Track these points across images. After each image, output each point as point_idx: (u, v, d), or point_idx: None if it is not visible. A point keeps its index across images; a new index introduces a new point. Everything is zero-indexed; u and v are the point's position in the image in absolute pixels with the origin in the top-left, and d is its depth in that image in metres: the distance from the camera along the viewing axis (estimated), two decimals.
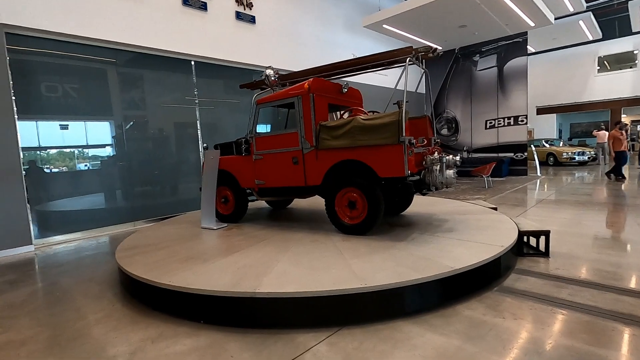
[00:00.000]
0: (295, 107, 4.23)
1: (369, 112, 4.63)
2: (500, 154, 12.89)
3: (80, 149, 6.61)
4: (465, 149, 13.92)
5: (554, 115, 21.93)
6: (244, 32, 8.50)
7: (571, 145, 18.36)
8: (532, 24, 10.92)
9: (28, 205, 5.67)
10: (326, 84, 4.38)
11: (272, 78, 4.72)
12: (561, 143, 18.03)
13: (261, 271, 3.03)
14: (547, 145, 17.28)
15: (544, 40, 17.69)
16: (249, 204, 5.39)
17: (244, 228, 4.98)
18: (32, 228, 5.73)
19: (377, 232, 4.10)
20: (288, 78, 4.86)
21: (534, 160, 13.19)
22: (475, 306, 2.80)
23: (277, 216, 5.65)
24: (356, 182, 3.89)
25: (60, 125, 6.33)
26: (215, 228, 5.05)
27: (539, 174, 12.71)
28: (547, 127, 21.74)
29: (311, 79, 4.16)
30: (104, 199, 6.95)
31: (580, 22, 15.51)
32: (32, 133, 6.01)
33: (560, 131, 23.25)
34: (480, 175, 9.99)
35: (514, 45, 12.30)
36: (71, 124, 6.47)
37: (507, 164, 12.53)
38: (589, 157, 16.00)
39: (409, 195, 4.87)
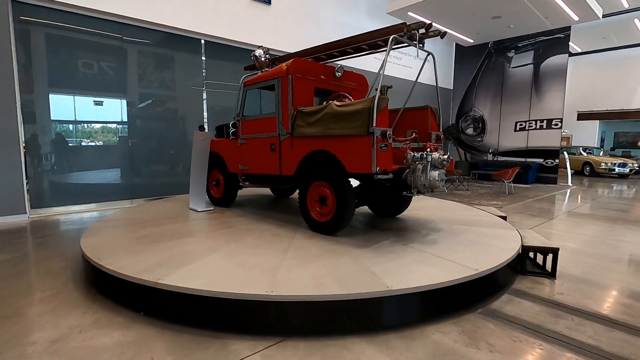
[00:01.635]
0: (275, 89, 3.90)
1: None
2: (529, 159, 11.98)
3: (88, 124, 6.61)
4: (490, 150, 13.07)
5: (597, 122, 20.23)
6: (258, 13, 8.19)
7: (612, 156, 16.83)
8: (577, 19, 9.90)
9: (25, 175, 5.71)
10: (313, 66, 3.98)
11: (262, 59, 4.38)
12: (601, 152, 16.57)
13: (186, 260, 2.87)
14: (584, 154, 15.95)
15: (592, 39, 16.22)
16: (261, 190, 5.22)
17: (226, 213, 4.82)
18: (28, 198, 5.79)
19: (351, 233, 3.75)
20: (280, 60, 4.51)
21: (566, 168, 12.15)
22: (449, 329, 2.39)
23: (271, 205, 5.39)
24: (326, 176, 3.51)
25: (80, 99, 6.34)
26: (199, 210, 4.93)
27: (569, 183, 11.71)
28: (587, 135, 20.10)
29: (292, 60, 3.80)
30: (110, 174, 6.96)
31: (636, 21, 14.02)
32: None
33: (602, 140, 21.46)
34: (501, 180, 9.26)
35: (555, 41, 11.26)
36: (85, 99, 6.48)
37: (535, 170, 11.62)
38: (631, 170, 14.61)
39: (403, 196, 4.34)
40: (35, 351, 2.12)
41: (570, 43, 11.50)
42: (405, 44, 3.45)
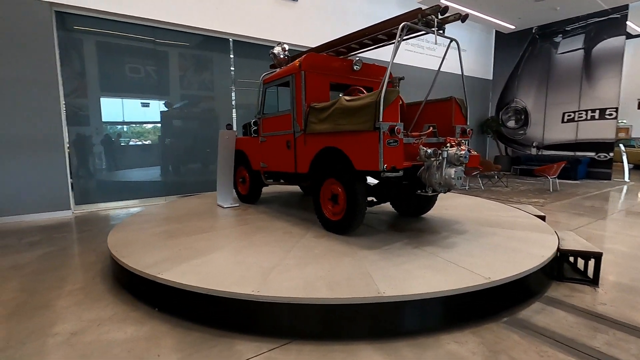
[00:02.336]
0: (290, 86, 3.85)
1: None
2: (578, 153, 11.02)
3: (128, 125, 6.99)
4: (534, 144, 12.19)
5: None
6: (285, 10, 8.18)
7: None
8: None
9: (69, 173, 6.13)
10: (328, 61, 3.86)
11: (281, 56, 4.34)
12: None
13: (191, 256, 2.95)
14: None
15: None
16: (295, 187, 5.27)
17: (249, 210, 4.92)
18: (72, 195, 6.23)
19: (364, 232, 3.62)
20: (300, 56, 4.44)
21: (622, 162, 11.02)
22: (467, 339, 2.21)
23: (296, 203, 5.39)
24: (337, 174, 3.40)
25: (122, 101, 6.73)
26: (224, 206, 5.08)
27: (626, 179, 10.60)
28: None
29: (305, 55, 3.71)
30: (149, 172, 7.33)
31: None
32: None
33: None
34: (545, 176, 8.59)
35: (609, 22, 10.21)
36: (129, 101, 6.88)
37: (585, 164, 10.66)
38: None
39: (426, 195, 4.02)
40: (55, 343, 2.23)
41: (627, 23, 10.36)
42: (423, 32, 3.22)
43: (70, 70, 6.20)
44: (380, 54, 10.57)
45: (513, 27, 11.67)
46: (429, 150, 2.97)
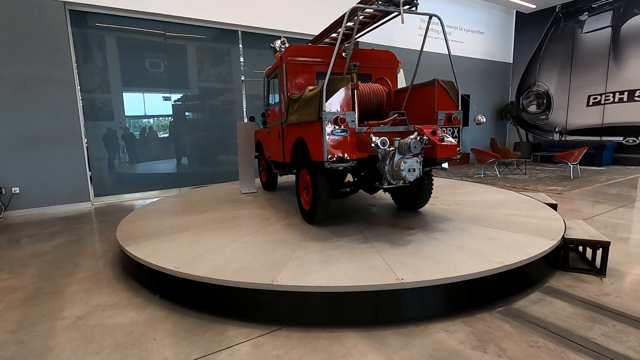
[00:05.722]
0: (278, 78, 3.91)
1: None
2: (604, 138, 10.48)
3: (146, 119, 7.21)
4: (557, 129, 11.69)
5: None
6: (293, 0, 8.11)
7: None
8: None
9: (88, 166, 6.41)
10: (312, 51, 3.85)
11: (280, 49, 4.34)
12: None
13: (193, 243, 3.12)
14: None
15: None
16: None
17: (259, 197, 5.12)
18: (91, 187, 6.52)
19: (352, 221, 3.64)
20: None
21: None
22: (457, 328, 2.19)
23: None
24: (306, 164, 3.42)
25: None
26: (242, 192, 5.50)
27: None
28: None
29: (288, 46, 3.72)
30: (167, 164, 7.57)
31: None
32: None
33: None
34: (565, 162, 8.24)
35: None
36: (135, 95, 7.08)
37: (612, 150, 10.14)
38: None
39: (421, 188, 3.78)
40: (63, 325, 2.38)
41: None
42: (396, 13, 3.06)
43: (86, 67, 6.42)
44: (393, 39, 10.36)
45: (534, 6, 11.11)
46: (377, 140, 2.78)
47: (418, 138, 2.76)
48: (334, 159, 2.84)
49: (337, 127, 2.81)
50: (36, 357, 2.04)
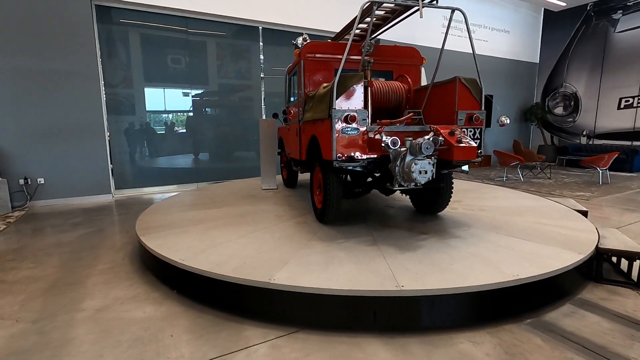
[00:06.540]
0: (297, 75, 3.89)
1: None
2: (635, 143, 10.00)
3: (166, 114, 7.30)
4: (584, 133, 11.23)
5: None
6: None
7: None
8: None
9: (110, 160, 6.53)
10: (330, 47, 3.78)
11: (302, 46, 4.30)
12: None
13: (190, 236, 3.17)
14: None
15: None
16: None
17: (278, 194, 5.12)
18: (113, 180, 6.64)
19: (365, 221, 3.56)
20: None
21: None
22: (483, 339, 2.09)
23: None
24: (319, 163, 3.34)
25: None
26: (263, 188, 5.52)
27: None
28: None
29: (307, 43, 3.66)
30: (186, 159, 7.65)
31: None
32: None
33: None
34: (594, 167, 7.89)
35: None
36: (156, 91, 7.16)
37: None
38: None
39: (439, 191, 3.63)
40: (82, 317, 2.39)
41: None
42: (415, 8, 2.94)
43: (110, 62, 6.53)
44: (416, 37, 10.15)
45: (564, 4, 10.68)
46: (388, 140, 2.62)
47: (432, 139, 2.62)
48: (344, 157, 2.77)
49: (347, 125, 2.73)
50: (55, 349, 2.04)
